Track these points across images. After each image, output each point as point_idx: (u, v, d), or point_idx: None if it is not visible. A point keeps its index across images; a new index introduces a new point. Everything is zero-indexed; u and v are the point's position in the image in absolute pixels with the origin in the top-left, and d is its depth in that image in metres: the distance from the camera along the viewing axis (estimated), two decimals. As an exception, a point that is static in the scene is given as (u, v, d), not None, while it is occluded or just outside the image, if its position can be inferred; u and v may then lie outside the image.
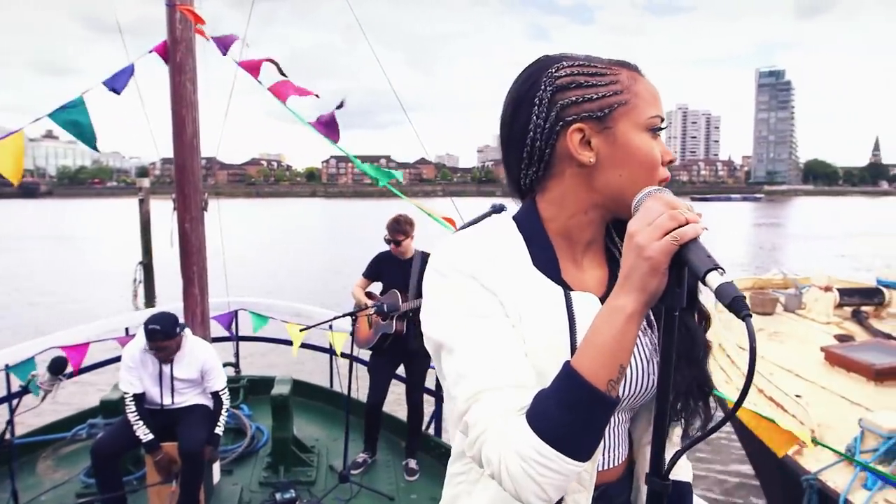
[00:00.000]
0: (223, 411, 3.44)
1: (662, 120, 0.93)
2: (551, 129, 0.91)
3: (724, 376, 5.81)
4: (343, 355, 4.27)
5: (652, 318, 0.98)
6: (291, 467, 3.98)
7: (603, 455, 0.95)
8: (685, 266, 0.72)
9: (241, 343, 5.62)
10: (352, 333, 3.82)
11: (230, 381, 5.14)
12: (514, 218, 0.97)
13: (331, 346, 5.08)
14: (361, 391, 4.28)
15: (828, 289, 7.61)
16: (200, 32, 3.37)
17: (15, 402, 3.38)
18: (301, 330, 4.06)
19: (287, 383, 4.13)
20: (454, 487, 1.00)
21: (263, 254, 25.67)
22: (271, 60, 3.04)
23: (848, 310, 7.66)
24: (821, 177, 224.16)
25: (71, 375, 3.63)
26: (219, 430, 3.40)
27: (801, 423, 4.68)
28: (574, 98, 0.90)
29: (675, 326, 0.73)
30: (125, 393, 3.29)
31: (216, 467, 3.82)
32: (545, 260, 0.92)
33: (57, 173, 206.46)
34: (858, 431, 4.23)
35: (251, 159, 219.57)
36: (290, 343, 5.36)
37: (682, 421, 0.92)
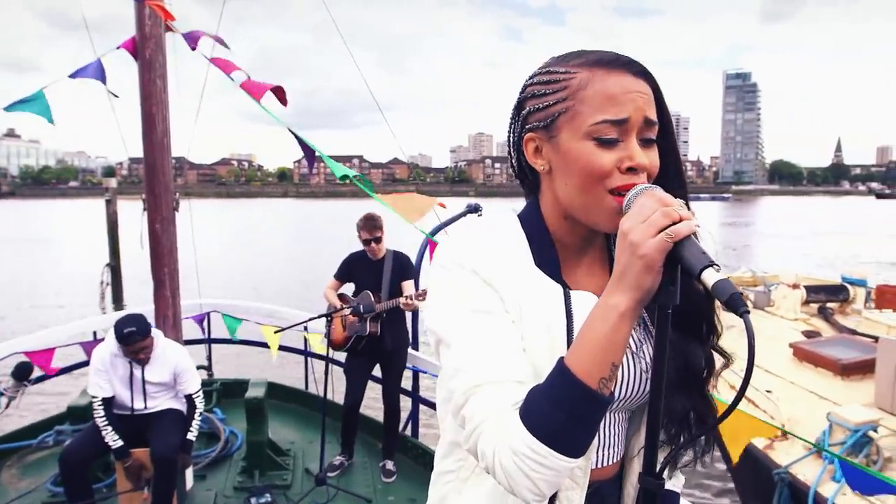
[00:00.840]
0: (196, 415, 3.37)
1: (621, 122, 0.84)
2: (519, 139, 0.95)
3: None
4: (319, 356, 4.22)
5: (647, 320, 0.98)
6: (267, 471, 3.92)
7: (597, 453, 0.95)
8: (679, 263, 0.71)
9: (214, 346, 5.52)
10: (327, 335, 3.78)
11: (203, 384, 5.04)
12: (519, 216, 0.98)
13: (306, 347, 5.02)
14: (338, 393, 4.24)
15: (795, 286, 7.79)
16: (171, 29, 3.30)
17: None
18: (276, 332, 4.00)
19: (262, 386, 4.06)
20: (442, 487, 0.99)
21: (235, 255, 25.31)
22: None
23: (814, 306, 7.86)
24: (786, 177, 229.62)
25: (36, 381, 3.52)
26: (192, 436, 3.33)
27: (771, 418, 4.78)
28: (530, 108, 0.92)
29: (668, 324, 0.73)
30: (94, 397, 3.19)
31: (189, 473, 3.74)
32: (546, 259, 0.93)
33: (19, 173, 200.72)
34: (827, 425, 4.34)
35: (221, 159, 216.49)
36: (264, 345, 5.28)
37: (673, 451, 0.92)
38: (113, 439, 3.16)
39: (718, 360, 0.98)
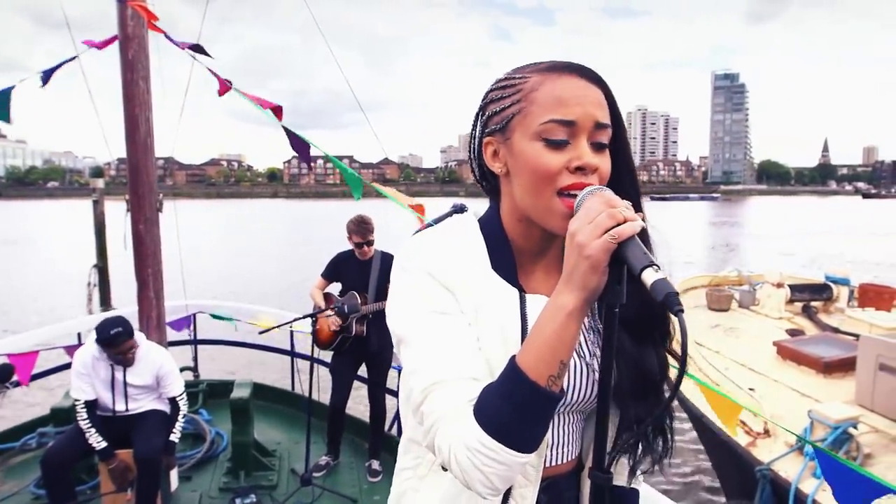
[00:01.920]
0: (180, 417, 3.36)
1: (569, 123, 0.86)
2: (479, 143, 0.98)
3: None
4: (305, 356, 4.22)
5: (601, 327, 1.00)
6: (252, 472, 3.92)
7: (551, 451, 0.97)
8: (624, 264, 0.73)
9: (200, 346, 5.50)
10: (312, 335, 3.78)
11: (189, 385, 5.03)
12: (480, 220, 1.01)
13: (292, 347, 5.02)
14: (324, 393, 4.24)
15: (780, 285, 7.86)
16: (154, 28, 3.29)
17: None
18: (261, 332, 4.00)
19: (247, 386, 4.06)
20: (401, 484, 1.02)
21: (223, 256, 25.17)
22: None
23: (799, 305, 7.92)
24: (774, 177, 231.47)
25: (18, 384, 3.50)
26: (175, 437, 3.32)
27: (754, 416, 4.82)
28: (489, 113, 0.95)
29: (615, 323, 0.75)
30: (76, 400, 3.19)
31: (174, 474, 3.73)
32: (503, 262, 0.95)
33: (5, 173, 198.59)
34: (808, 422, 4.39)
35: (211, 159, 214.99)
36: (251, 346, 5.27)
37: (630, 457, 0.94)
38: (97, 441, 3.15)
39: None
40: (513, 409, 0.77)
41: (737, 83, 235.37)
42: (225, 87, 2.80)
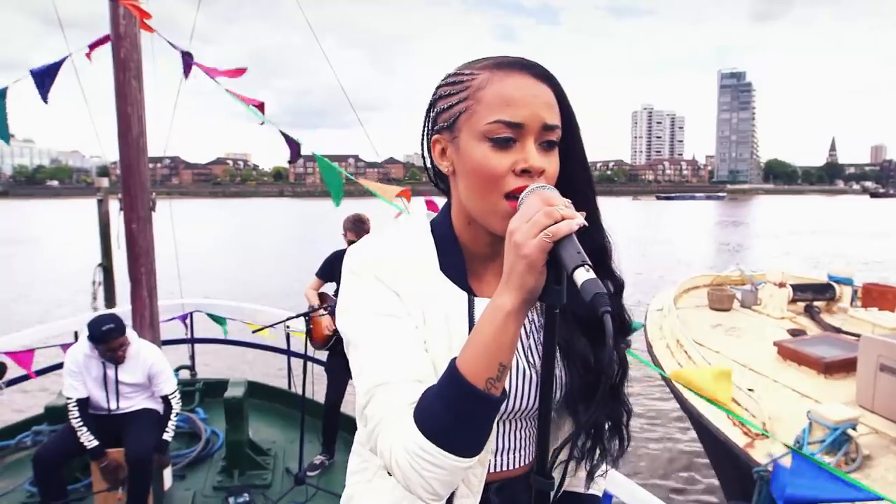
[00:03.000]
0: (173, 416, 3.36)
1: (516, 126, 0.84)
2: (428, 142, 0.96)
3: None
4: (300, 355, 4.21)
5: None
6: (246, 471, 3.91)
7: (501, 457, 0.95)
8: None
9: (197, 345, 5.50)
10: (306, 334, 3.77)
11: (185, 384, 5.04)
12: (431, 222, 0.99)
13: (288, 346, 5.01)
14: (319, 392, 4.23)
15: (782, 285, 7.81)
16: (146, 28, 3.29)
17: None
18: (255, 331, 4.00)
19: (241, 385, 4.05)
20: (350, 487, 1.01)
21: (225, 255, 25.25)
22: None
23: (801, 305, 7.87)
24: (780, 176, 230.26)
25: (11, 383, 3.51)
26: (167, 436, 3.32)
27: (752, 416, 4.79)
28: (438, 110, 0.93)
29: (556, 324, 0.73)
30: (68, 398, 3.19)
31: (168, 473, 3.73)
32: (452, 265, 0.94)
33: (13, 172, 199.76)
34: (807, 423, 4.35)
35: (217, 159, 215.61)
36: (246, 344, 5.27)
37: (587, 461, 0.92)
38: (88, 439, 3.15)
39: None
40: (451, 412, 0.76)
41: (743, 82, 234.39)
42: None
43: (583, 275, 0.66)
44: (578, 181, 0.93)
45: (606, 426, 0.94)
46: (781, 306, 7.67)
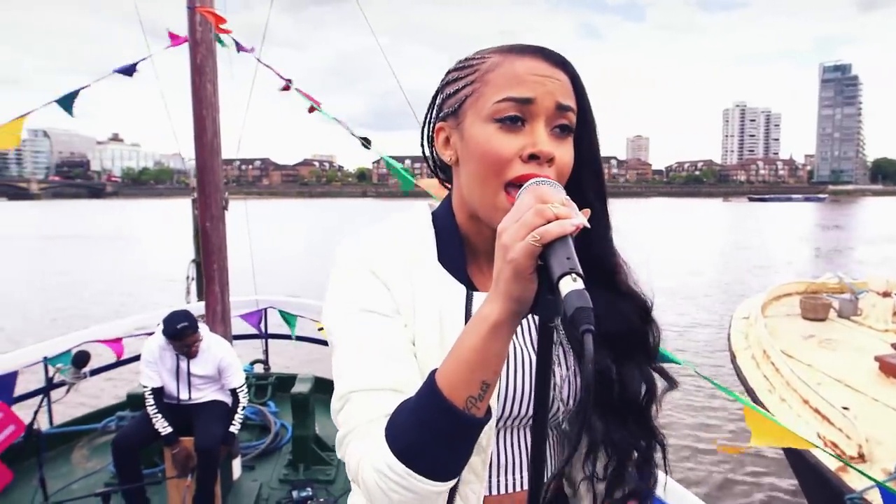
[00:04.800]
0: (240, 409, 3.47)
1: (526, 101, 0.77)
2: (431, 130, 0.91)
3: (768, 384, 5.52)
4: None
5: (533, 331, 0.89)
6: (311, 465, 3.99)
7: (498, 478, 0.86)
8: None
9: (271, 341, 5.68)
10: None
11: (259, 377, 5.22)
12: (433, 212, 0.93)
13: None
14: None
15: (886, 294, 7.17)
16: (222, 31, 3.41)
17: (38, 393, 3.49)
18: (320, 329, 4.07)
19: (308, 381, 4.13)
20: (356, 495, 0.95)
21: (304, 254, 26.13)
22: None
23: (908, 317, 7.20)
24: (890, 175, 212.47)
25: (95, 372, 3.73)
26: (234, 429, 3.43)
27: (847, 438, 4.40)
28: (443, 97, 0.88)
29: (551, 340, 0.63)
30: (144, 387, 3.36)
31: (237, 463, 3.86)
32: (451, 257, 0.87)
33: (122, 174, 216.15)
34: (910, 448, 3.95)
35: (304, 160, 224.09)
36: (318, 342, 5.39)
37: (607, 484, 0.82)
38: (163, 426, 3.30)
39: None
40: (424, 432, 0.68)
41: (848, 75, 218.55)
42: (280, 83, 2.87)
43: (568, 284, 0.56)
44: (585, 179, 0.84)
45: (633, 455, 0.83)
46: (885, 317, 7.04)
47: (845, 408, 4.76)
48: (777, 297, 8.39)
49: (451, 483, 0.72)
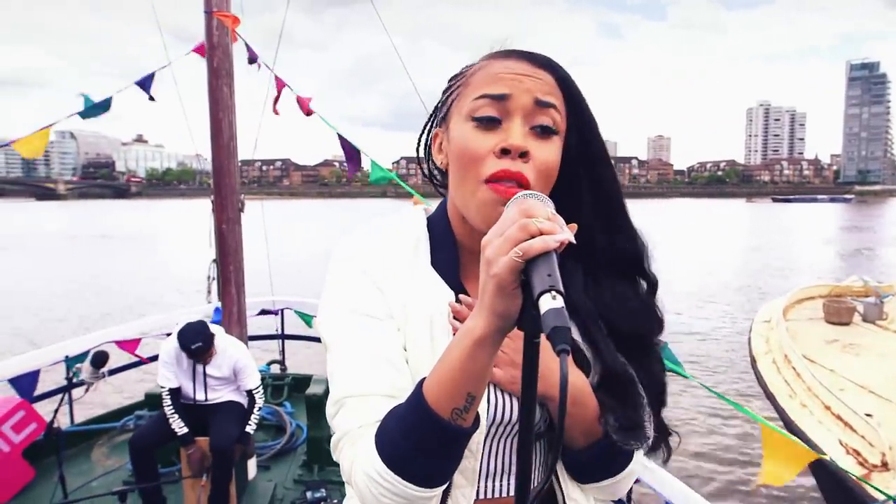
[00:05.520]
0: (255, 410, 3.49)
1: (500, 98, 0.77)
2: (428, 137, 0.93)
3: (788, 390, 5.43)
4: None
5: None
6: (326, 466, 4.00)
7: (487, 483, 0.86)
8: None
9: (287, 341, 5.73)
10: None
11: (276, 378, 5.25)
12: (428, 217, 0.94)
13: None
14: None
15: (913, 298, 7.01)
16: (234, 33, 3.44)
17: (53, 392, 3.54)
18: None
19: (324, 382, 4.15)
20: (350, 500, 0.95)
21: (326, 254, 26.27)
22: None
23: (937, 322, 7.03)
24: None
25: (113, 372, 3.78)
26: (250, 429, 3.45)
27: (870, 445, 4.31)
28: (440, 104, 0.90)
29: (536, 357, 0.62)
30: (161, 387, 3.40)
31: (252, 463, 3.89)
32: (444, 261, 0.88)
33: (146, 175, 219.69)
34: (935, 457, 3.85)
35: (324, 160, 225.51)
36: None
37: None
38: (179, 426, 3.34)
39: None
40: (410, 441, 0.69)
41: (876, 73, 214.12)
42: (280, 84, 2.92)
43: (547, 302, 0.55)
44: (580, 187, 0.84)
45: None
46: (912, 322, 6.89)
47: (868, 414, 4.66)
48: (800, 300, 8.24)
49: (441, 489, 0.73)
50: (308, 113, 3.06)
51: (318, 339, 5.68)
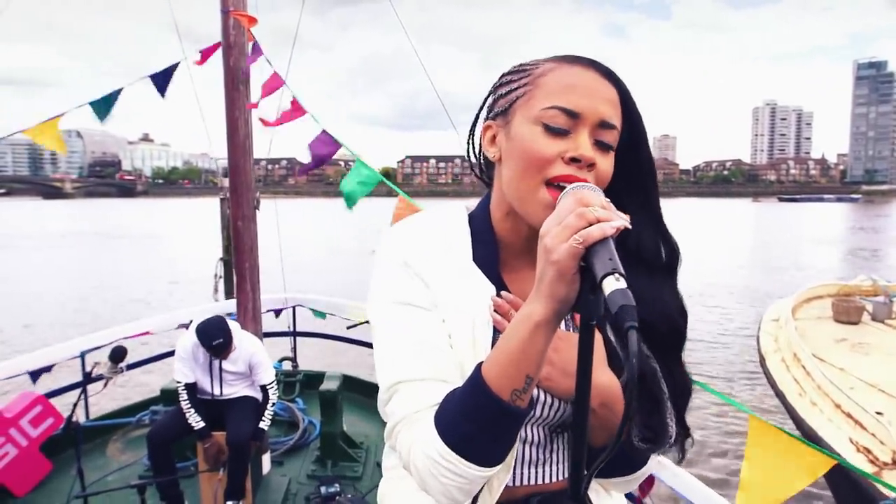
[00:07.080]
0: (269, 405, 3.53)
1: (573, 114, 0.80)
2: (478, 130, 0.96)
3: (798, 388, 5.44)
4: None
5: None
6: (339, 462, 4.04)
7: (530, 470, 0.90)
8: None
9: (299, 338, 5.76)
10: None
11: (287, 374, 5.29)
12: (470, 213, 0.97)
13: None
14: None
15: (922, 297, 7.01)
16: (249, 33, 3.48)
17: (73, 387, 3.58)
18: (349, 327, 4.12)
19: (336, 379, 4.19)
20: (385, 484, 0.99)
21: (330, 253, 26.36)
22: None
23: (946, 321, 7.03)
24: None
25: (131, 367, 3.82)
26: (264, 425, 3.49)
27: (881, 444, 4.32)
28: (495, 97, 0.92)
29: (592, 339, 0.66)
30: (178, 382, 3.44)
31: (266, 458, 3.93)
32: (485, 256, 0.91)
33: (151, 174, 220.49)
34: (946, 455, 3.86)
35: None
36: (346, 340, 5.43)
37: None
38: (196, 420, 3.38)
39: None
40: (473, 422, 0.73)
41: (884, 72, 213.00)
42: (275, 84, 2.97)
43: (611, 284, 0.59)
44: (650, 190, 0.88)
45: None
46: (922, 321, 6.89)
47: (879, 413, 4.67)
48: (808, 299, 8.24)
49: (498, 468, 0.76)
50: (296, 113, 3.12)
51: (329, 336, 5.74)
